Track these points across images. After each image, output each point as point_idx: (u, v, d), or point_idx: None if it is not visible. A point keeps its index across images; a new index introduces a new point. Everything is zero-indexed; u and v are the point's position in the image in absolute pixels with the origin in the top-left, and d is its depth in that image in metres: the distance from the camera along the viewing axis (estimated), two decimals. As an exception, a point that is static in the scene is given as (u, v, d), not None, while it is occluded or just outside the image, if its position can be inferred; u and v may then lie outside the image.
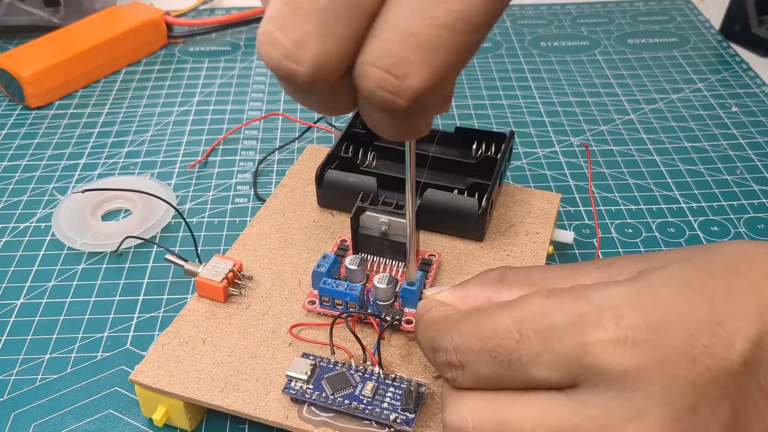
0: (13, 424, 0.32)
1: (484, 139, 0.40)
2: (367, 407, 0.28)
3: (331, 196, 0.38)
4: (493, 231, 0.37)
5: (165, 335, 0.32)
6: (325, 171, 0.38)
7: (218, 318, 0.32)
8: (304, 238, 0.37)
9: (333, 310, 0.32)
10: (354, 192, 0.36)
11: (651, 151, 0.50)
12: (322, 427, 0.28)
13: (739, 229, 0.43)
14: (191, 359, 0.31)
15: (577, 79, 0.59)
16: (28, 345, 0.36)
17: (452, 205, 0.36)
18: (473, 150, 0.40)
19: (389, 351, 0.31)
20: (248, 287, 0.34)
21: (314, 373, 0.29)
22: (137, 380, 0.30)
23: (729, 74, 0.59)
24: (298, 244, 0.36)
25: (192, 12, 0.68)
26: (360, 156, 0.40)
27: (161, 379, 0.30)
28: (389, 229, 0.33)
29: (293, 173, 0.41)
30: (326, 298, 0.32)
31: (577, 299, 0.22)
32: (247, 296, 0.34)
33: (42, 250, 0.41)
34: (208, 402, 0.29)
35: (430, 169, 0.39)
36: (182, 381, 0.30)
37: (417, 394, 0.28)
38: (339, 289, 0.31)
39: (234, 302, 0.33)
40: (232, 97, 0.56)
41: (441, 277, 0.34)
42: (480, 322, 0.23)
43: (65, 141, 0.51)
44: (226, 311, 0.33)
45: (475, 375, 0.23)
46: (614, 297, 0.21)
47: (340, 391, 0.28)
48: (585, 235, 0.42)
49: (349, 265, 0.32)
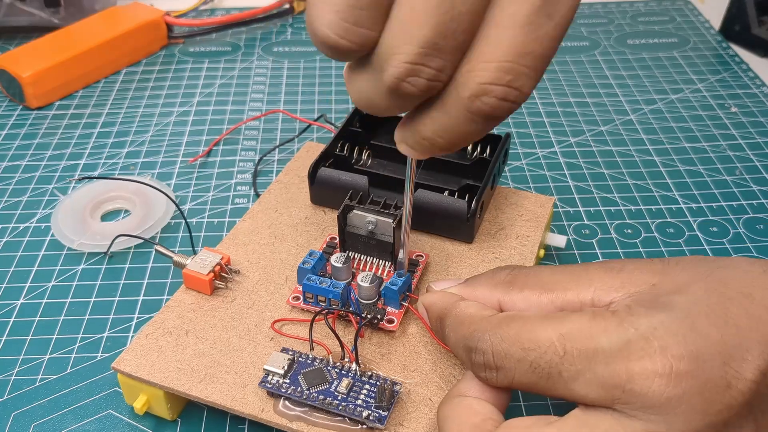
0: (13, 424, 0.32)
1: (479, 141, 0.40)
2: (341, 403, 0.28)
3: (324, 194, 0.38)
4: (483, 233, 0.37)
5: (150, 325, 0.32)
6: (318, 168, 0.38)
7: (203, 310, 0.33)
8: (294, 234, 0.37)
9: (316, 306, 0.32)
10: (346, 190, 0.36)
11: (650, 152, 0.50)
12: (296, 421, 0.28)
13: (739, 229, 0.43)
14: (173, 350, 0.31)
15: (576, 79, 0.59)
16: (28, 345, 0.36)
17: (442, 206, 0.36)
18: (468, 152, 0.40)
19: (369, 349, 0.31)
20: (235, 281, 0.34)
21: (291, 368, 0.29)
22: (119, 368, 0.30)
23: (729, 75, 0.59)
24: (288, 240, 0.37)
25: (192, 12, 0.68)
26: (355, 154, 0.40)
27: (142, 368, 0.30)
28: (376, 228, 0.33)
29: (289, 170, 0.42)
30: (310, 294, 0.32)
31: (622, 325, 0.23)
32: (233, 290, 0.34)
33: (42, 251, 0.41)
34: (186, 392, 0.29)
35: (424, 169, 0.39)
36: (162, 371, 0.30)
37: (391, 392, 0.28)
38: (322, 286, 0.31)
39: (220, 295, 0.34)
40: (232, 97, 0.56)
41: (428, 277, 0.34)
42: (523, 332, 0.24)
43: (65, 141, 0.51)
44: (212, 304, 0.33)
45: (510, 379, 0.24)
46: (658, 327, 0.23)
47: (315, 386, 0.29)
48: (584, 236, 0.42)
49: (334, 263, 0.33)
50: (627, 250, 0.41)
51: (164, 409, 0.31)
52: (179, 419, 0.32)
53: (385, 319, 0.31)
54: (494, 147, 0.39)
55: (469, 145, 0.40)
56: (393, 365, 0.30)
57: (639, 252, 0.41)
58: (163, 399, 0.31)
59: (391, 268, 0.34)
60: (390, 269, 0.34)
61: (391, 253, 0.33)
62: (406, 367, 0.30)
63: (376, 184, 0.38)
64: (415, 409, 0.28)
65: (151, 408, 0.31)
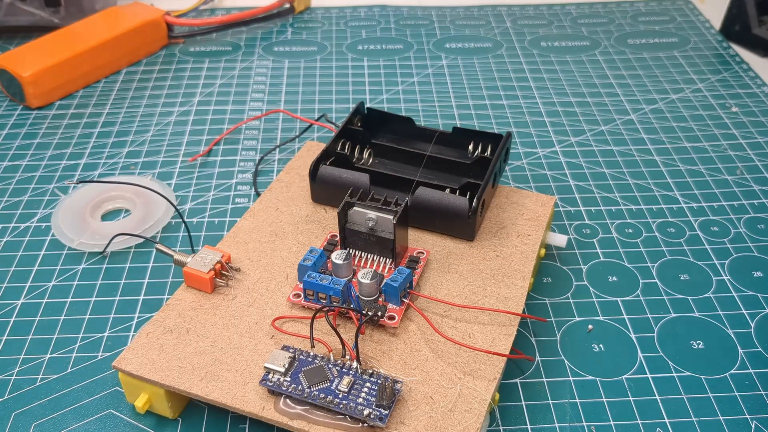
0: (13, 424, 0.32)
1: (481, 140, 0.40)
2: (342, 401, 0.28)
3: (325, 192, 0.38)
4: (485, 231, 0.37)
5: (150, 324, 0.32)
6: (319, 166, 0.38)
7: (204, 308, 0.33)
8: (295, 232, 0.37)
9: (317, 303, 0.32)
10: (347, 188, 0.36)
11: (651, 151, 0.50)
12: (297, 419, 0.28)
13: (739, 229, 0.43)
14: (174, 348, 0.31)
15: (577, 79, 0.59)
16: (28, 345, 0.36)
17: (443, 203, 0.36)
18: (470, 150, 0.40)
19: (370, 346, 0.31)
20: (236, 279, 0.34)
21: (292, 365, 0.29)
22: (120, 367, 0.30)
23: (729, 74, 0.59)
24: (289, 238, 0.37)
25: (192, 12, 0.68)
26: (356, 153, 0.40)
27: (143, 366, 0.30)
28: (376, 225, 0.33)
29: (290, 168, 0.42)
30: (311, 291, 0.32)
31: None
32: (233, 288, 0.34)
33: (42, 250, 0.41)
34: (187, 391, 0.29)
35: (426, 168, 0.39)
36: (163, 369, 0.30)
37: (392, 390, 0.28)
38: (323, 283, 0.31)
39: (220, 293, 0.33)
40: (232, 97, 0.56)
41: (428, 275, 0.34)
42: None
43: (66, 141, 0.51)
44: (212, 302, 0.33)
45: None
46: None
47: (316, 384, 0.29)
48: (585, 235, 0.42)
49: (335, 260, 0.33)
50: (628, 250, 0.41)
51: (165, 407, 0.31)
52: (180, 418, 0.32)
53: (386, 316, 0.31)
54: (495, 145, 0.39)
55: (470, 144, 0.40)
56: (394, 363, 0.30)
57: (640, 251, 0.41)
58: (164, 397, 0.31)
59: (392, 265, 0.34)
60: (391, 266, 0.34)
61: (392, 250, 0.33)
62: (407, 365, 0.30)
63: (377, 183, 0.38)
64: (416, 408, 0.28)
65: (152, 407, 0.31)
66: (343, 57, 0.62)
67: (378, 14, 0.69)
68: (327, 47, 0.63)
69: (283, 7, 0.67)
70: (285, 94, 0.57)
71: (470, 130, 0.40)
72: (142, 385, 0.30)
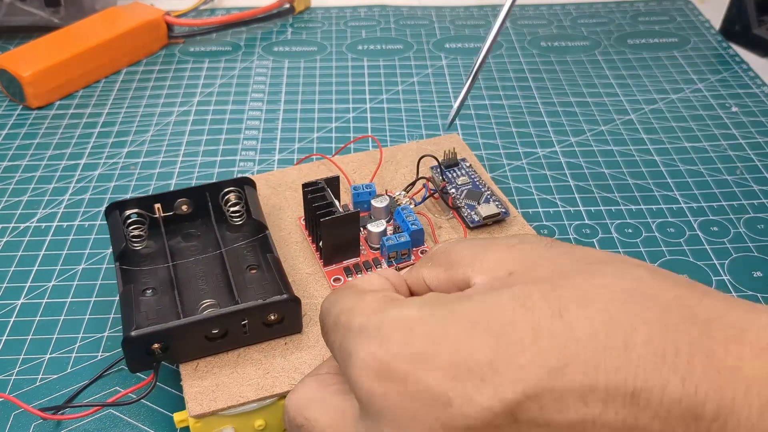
0: (13, 424, 0.32)
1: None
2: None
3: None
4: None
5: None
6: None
7: None
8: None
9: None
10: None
11: (651, 151, 0.50)
12: None
13: (739, 229, 0.43)
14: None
15: (577, 79, 0.59)
16: (28, 345, 0.36)
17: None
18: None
19: None
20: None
21: None
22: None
23: (729, 74, 0.59)
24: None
25: (192, 12, 0.68)
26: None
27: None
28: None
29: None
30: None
31: (383, 310, 0.23)
32: None
33: (42, 250, 0.41)
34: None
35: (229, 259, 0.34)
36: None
37: None
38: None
39: None
40: (232, 97, 0.56)
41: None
42: (332, 296, 0.26)
43: (66, 141, 0.51)
44: None
45: (323, 337, 0.26)
46: (404, 320, 0.21)
47: None
48: (585, 235, 0.42)
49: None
50: (628, 250, 0.41)
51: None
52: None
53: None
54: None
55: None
56: None
57: (640, 251, 0.41)
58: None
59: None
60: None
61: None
62: None
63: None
64: None
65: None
66: (342, 57, 0.62)
67: (378, 14, 0.69)
68: (327, 47, 0.63)
69: (282, 7, 0.67)
70: (285, 94, 0.57)
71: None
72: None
